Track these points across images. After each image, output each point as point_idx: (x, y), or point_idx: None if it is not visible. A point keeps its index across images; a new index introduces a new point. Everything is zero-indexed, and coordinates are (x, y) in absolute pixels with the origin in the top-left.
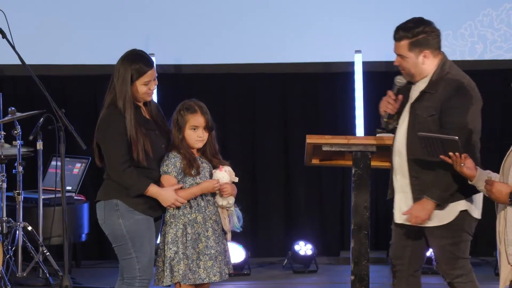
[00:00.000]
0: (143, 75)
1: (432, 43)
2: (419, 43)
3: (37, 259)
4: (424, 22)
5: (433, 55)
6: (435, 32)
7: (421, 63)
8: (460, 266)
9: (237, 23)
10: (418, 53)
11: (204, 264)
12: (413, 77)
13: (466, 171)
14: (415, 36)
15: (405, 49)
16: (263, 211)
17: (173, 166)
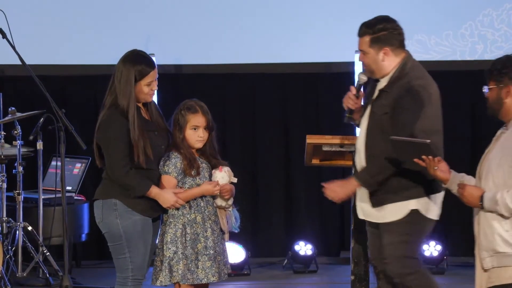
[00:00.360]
0: (146, 76)
1: (393, 41)
2: (379, 40)
3: (37, 259)
4: (387, 20)
5: (394, 53)
6: (397, 30)
7: (381, 60)
8: (408, 265)
9: (237, 23)
10: (378, 49)
11: (203, 264)
12: (373, 73)
13: (440, 174)
14: (376, 32)
15: (366, 45)
16: (263, 211)
17: (174, 167)
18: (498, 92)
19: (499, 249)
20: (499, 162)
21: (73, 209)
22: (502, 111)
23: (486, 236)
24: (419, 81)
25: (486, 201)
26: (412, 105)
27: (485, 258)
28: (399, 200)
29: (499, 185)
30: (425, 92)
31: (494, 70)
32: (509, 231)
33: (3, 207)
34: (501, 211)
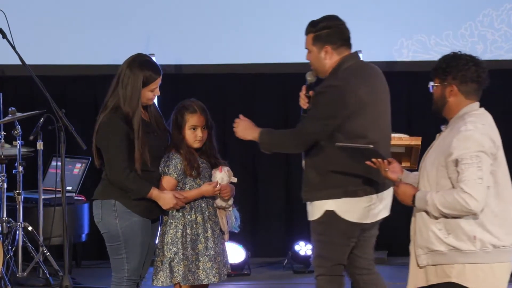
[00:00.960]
0: (152, 83)
1: (335, 39)
2: (321, 38)
3: (37, 259)
4: (331, 18)
5: (335, 52)
6: (339, 29)
7: (323, 58)
8: (322, 265)
9: (237, 23)
10: (320, 48)
11: (203, 265)
12: (317, 71)
13: (391, 175)
14: (318, 30)
15: (310, 42)
16: (263, 211)
17: (174, 168)
18: (442, 90)
19: (433, 247)
20: (433, 161)
21: (73, 209)
22: (445, 109)
23: (421, 234)
24: (336, 82)
25: (417, 200)
26: (315, 105)
27: (421, 255)
28: (319, 199)
29: (432, 184)
30: (335, 93)
31: (439, 68)
32: (442, 230)
33: (3, 207)
34: (431, 211)
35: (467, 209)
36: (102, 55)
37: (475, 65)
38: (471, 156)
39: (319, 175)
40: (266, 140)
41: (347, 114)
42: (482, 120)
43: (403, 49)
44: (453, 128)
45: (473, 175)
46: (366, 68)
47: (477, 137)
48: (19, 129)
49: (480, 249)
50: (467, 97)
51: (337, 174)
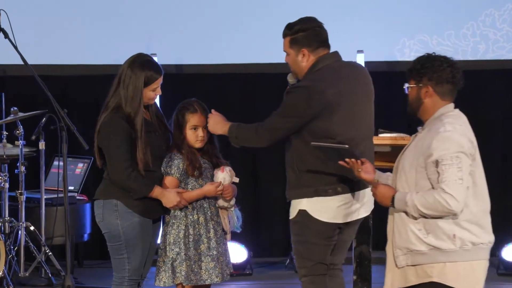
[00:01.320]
0: (153, 82)
1: (311, 42)
2: (297, 41)
3: (39, 259)
4: (307, 20)
5: (312, 54)
6: (315, 31)
7: (300, 61)
8: (303, 265)
9: (238, 23)
10: (297, 50)
11: (206, 265)
12: (296, 74)
13: (364, 175)
14: (294, 33)
15: (287, 45)
16: (264, 211)
17: (176, 168)
18: (418, 92)
19: (413, 247)
20: (411, 162)
21: (75, 209)
22: (421, 111)
23: (400, 234)
24: (303, 83)
25: (396, 201)
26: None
27: (399, 256)
28: (293, 197)
29: (411, 185)
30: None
31: (414, 69)
32: (422, 230)
33: (5, 207)
34: (411, 212)
35: (448, 209)
36: (104, 55)
37: (450, 66)
38: (451, 157)
39: (294, 173)
40: (234, 134)
41: (312, 114)
42: (459, 121)
43: (405, 49)
44: (431, 129)
45: (454, 176)
46: (341, 69)
47: (456, 138)
48: (21, 129)
49: (460, 247)
50: (443, 98)
51: (309, 173)
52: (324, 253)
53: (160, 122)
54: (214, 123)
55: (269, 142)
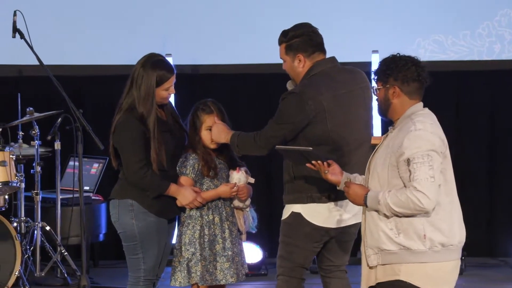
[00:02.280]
0: (166, 82)
1: (306, 47)
2: (292, 47)
3: (55, 259)
4: (302, 26)
5: (308, 59)
6: (309, 36)
7: (297, 67)
8: (283, 265)
9: (253, 23)
10: (293, 57)
11: (221, 265)
12: (294, 80)
13: (331, 177)
14: (289, 40)
15: (283, 52)
16: (279, 211)
17: (191, 168)
18: (385, 92)
19: (383, 246)
20: (383, 162)
21: (91, 209)
22: (390, 111)
23: (371, 234)
24: (296, 89)
25: (369, 200)
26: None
27: (370, 256)
28: (288, 202)
29: (384, 184)
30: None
31: (380, 71)
32: (393, 230)
33: (21, 207)
34: (383, 211)
35: (420, 207)
36: (119, 55)
37: (414, 65)
38: (422, 155)
39: (290, 179)
40: (236, 143)
41: (305, 120)
42: (429, 119)
43: (420, 49)
44: (402, 128)
45: (425, 174)
46: (336, 74)
47: (427, 136)
48: (37, 129)
49: (429, 249)
50: (411, 97)
51: (303, 179)
52: (306, 258)
53: (175, 122)
54: (218, 132)
55: (267, 150)
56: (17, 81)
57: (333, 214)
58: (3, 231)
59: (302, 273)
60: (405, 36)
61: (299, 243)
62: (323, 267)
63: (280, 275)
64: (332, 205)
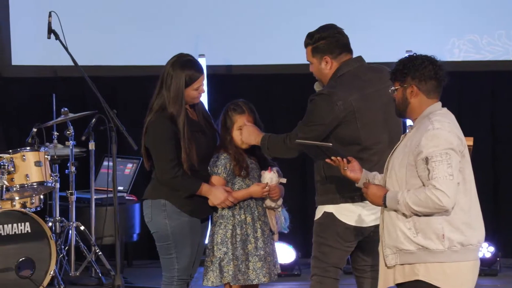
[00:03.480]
0: (195, 81)
1: (333, 49)
2: (319, 50)
3: (89, 258)
4: (326, 28)
5: (335, 60)
6: (335, 38)
7: (324, 69)
8: (317, 266)
9: (286, 23)
10: (319, 59)
11: (254, 265)
12: (322, 82)
13: (350, 174)
14: (315, 42)
15: (309, 55)
16: (312, 211)
17: (223, 168)
18: (403, 92)
19: (402, 246)
20: (401, 161)
21: (125, 209)
22: (408, 111)
23: (389, 233)
24: (324, 90)
25: (388, 200)
26: (306, 113)
27: (388, 255)
28: (320, 203)
29: (402, 183)
30: (322, 101)
31: (397, 71)
32: (411, 229)
33: (56, 207)
34: (402, 210)
35: (439, 206)
36: (153, 56)
37: (431, 63)
38: (440, 154)
39: (321, 180)
40: (266, 145)
41: (335, 121)
42: (448, 118)
43: (454, 49)
44: (420, 127)
45: (444, 172)
46: (363, 74)
47: (445, 135)
48: (72, 129)
49: (448, 248)
50: (428, 96)
51: (334, 179)
52: (340, 258)
53: (206, 122)
54: (248, 134)
55: (297, 153)
56: (52, 82)
57: (365, 213)
58: (38, 231)
59: (337, 273)
60: (440, 35)
61: (332, 243)
62: (357, 267)
63: (314, 276)
64: (364, 204)
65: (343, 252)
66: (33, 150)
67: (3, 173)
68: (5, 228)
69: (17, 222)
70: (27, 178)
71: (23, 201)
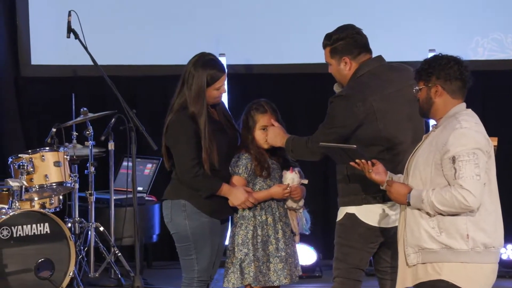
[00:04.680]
0: (217, 81)
1: (352, 49)
2: (337, 51)
3: (109, 259)
4: (345, 28)
5: (355, 61)
6: (353, 38)
7: (343, 70)
8: (339, 267)
9: (307, 22)
10: (338, 60)
11: (275, 266)
12: (341, 83)
13: (375, 176)
14: (333, 43)
15: (328, 56)
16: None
17: (244, 168)
18: (428, 92)
19: (425, 245)
20: (426, 160)
21: (144, 210)
22: (432, 111)
23: (412, 232)
24: (344, 92)
25: (412, 199)
26: (326, 115)
27: (410, 254)
28: (342, 205)
29: (426, 182)
30: (343, 103)
31: (422, 70)
32: (435, 228)
33: (75, 207)
34: (427, 209)
35: (465, 205)
36: (173, 55)
37: (457, 63)
38: (468, 153)
39: (344, 181)
40: (290, 147)
41: (356, 123)
42: (474, 119)
43: (478, 47)
44: (446, 126)
45: (471, 172)
46: (384, 73)
47: (473, 134)
48: (91, 129)
49: (472, 249)
50: (453, 97)
51: (357, 180)
52: (362, 259)
53: (227, 122)
54: (274, 135)
55: (320, 155)
56: (71, 82)
57: (388, 214)
58: (57, 232)
59: (359, 274)
60: (463, 34)
61: (354, 244)
62: (379, 269)
63: (336, 277)
64: (386, 205)
65: (365, 253)
66: (52, 150)
67: (22, 174)
68: (24, 228)
69: (36, 223)
70: (46, 178)
71: (42, 201)
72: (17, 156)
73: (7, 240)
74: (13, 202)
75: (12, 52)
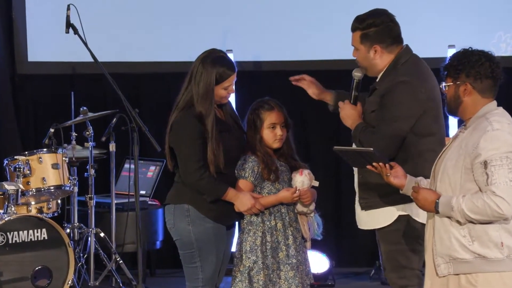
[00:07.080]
0: (226, 80)
1: (385, 38)
2: (369, 37)
3: (110, 267)
4: (379, 14)
5: (387, 50)
6: (388, 27)
7: (372, 58)
8: (403, 276)
9: (317, 18)
10: (369, 47)
11: (285, 274)
12: (366, 70)
13: (394, 180)
14: (366, 28)
15: (357, 40)
16: (348, 217)
17: (251, 171)
18: (456, 90)
19: (456, 255)
20: (455, 164)
21: (147, 215)
22: (461, 110)
23: (442, 241)
24: (403, 78)
25: (441, 206)
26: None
27: (441, 265)
28: (385, 205)
29: (455, 188)
30: (407, 89)
31: (451, 66)
32: (466, 237)
33: (74, 212)
34: (457, 217)
35: (498, 213)
36: (177, 52)
37: (488, 60)
38: (501, 157)
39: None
40: (358, 137)
41: (421, 110)
42: (507, 119)
43: (501, 43)
44: (476, 128)
45: (504, 178)
46: (422, 63)
47: (505, 136)
48: (91, 129)
49: (507, 257)
50: (483, 95)
51: None
52: (421, 260)
53: (234, 123)
54: (347, 116)
55: (396, 151)
56: (70, 79)
57: None
58: (55, 238)
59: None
60: (485, 29)
61: (413, 247)
62: None
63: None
64: None
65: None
66: (50, 151)
67: (19, 176)
68: (21, 234)
69: (33, 229)
70: (44, 181)
71: (40, 206)
72: (13, 158)
73: (3, 247)
74: (9, 206)
75: (8, 48)
